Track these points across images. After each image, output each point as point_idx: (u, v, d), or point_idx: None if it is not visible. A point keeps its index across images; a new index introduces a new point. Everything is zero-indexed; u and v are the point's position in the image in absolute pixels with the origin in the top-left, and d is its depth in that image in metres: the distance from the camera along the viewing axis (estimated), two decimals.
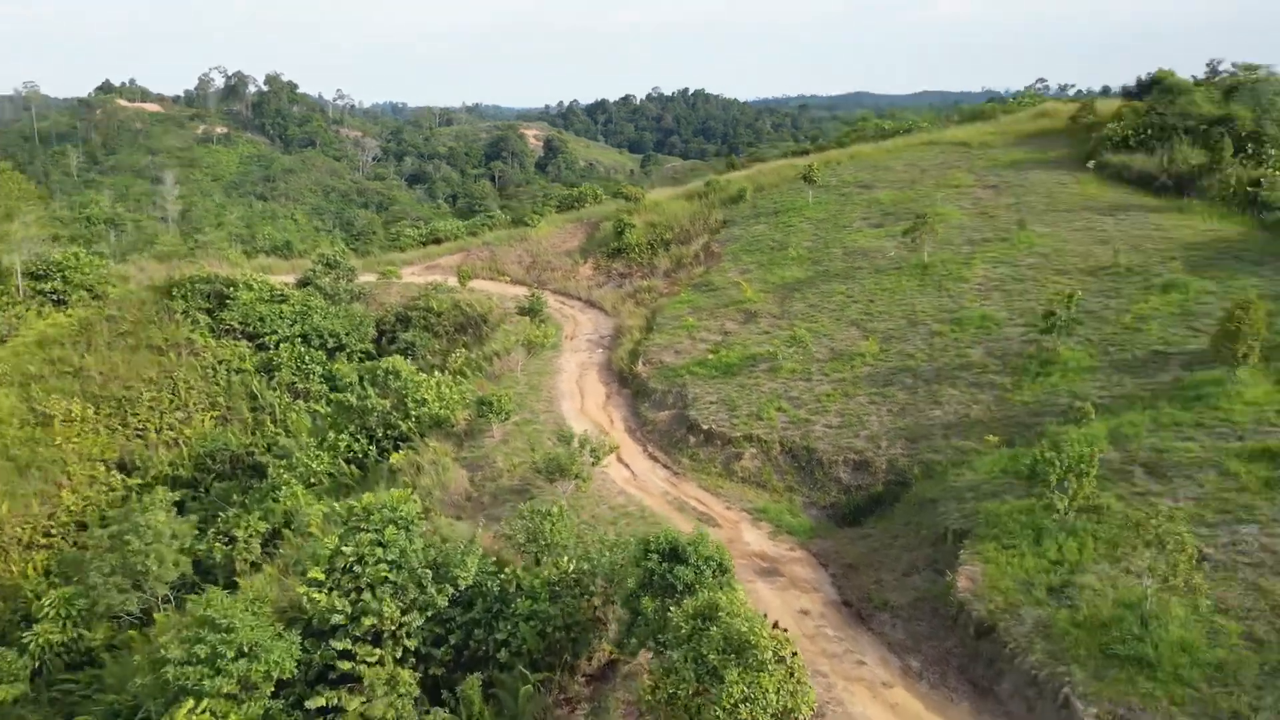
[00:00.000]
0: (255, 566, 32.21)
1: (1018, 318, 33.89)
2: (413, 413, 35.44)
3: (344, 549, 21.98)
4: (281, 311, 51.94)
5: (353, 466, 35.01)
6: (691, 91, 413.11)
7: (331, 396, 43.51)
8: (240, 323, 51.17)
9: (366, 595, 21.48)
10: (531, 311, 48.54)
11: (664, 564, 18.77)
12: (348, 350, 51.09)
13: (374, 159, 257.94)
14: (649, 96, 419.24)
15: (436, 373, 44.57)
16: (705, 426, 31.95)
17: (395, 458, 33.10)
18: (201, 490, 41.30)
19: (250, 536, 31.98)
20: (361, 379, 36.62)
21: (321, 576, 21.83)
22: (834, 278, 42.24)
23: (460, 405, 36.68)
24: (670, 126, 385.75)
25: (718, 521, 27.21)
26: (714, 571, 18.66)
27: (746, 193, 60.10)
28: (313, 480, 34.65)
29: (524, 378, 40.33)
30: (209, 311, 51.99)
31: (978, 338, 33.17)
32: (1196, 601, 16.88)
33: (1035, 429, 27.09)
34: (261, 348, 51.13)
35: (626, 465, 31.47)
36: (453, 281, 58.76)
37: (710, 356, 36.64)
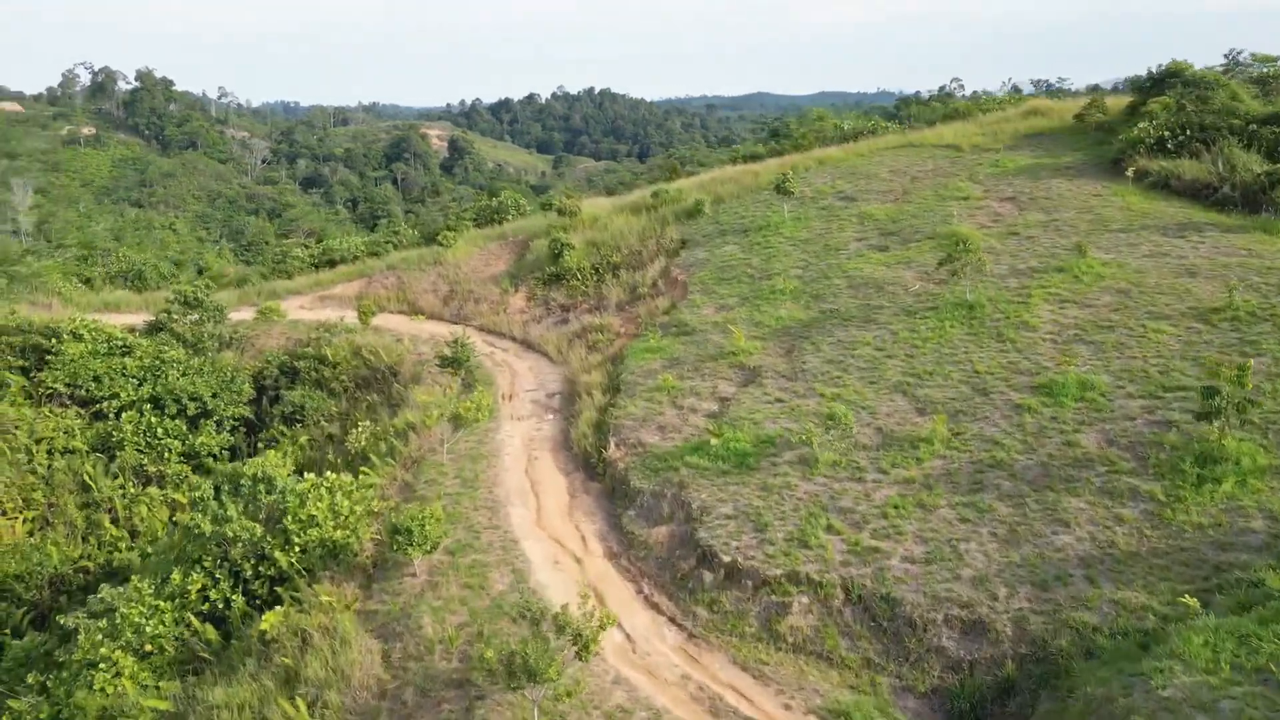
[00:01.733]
0: None
1: (1128, 384, 25.37)
2: (296, 540, 24.66)
3: None
4: (125, 368, 40.03)
5: (209, 626, 24.02)
6: (598, 91, 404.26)
7: (182, 514, 32.21)
8: (68, 385, 39.07)
9: None
10: (456, 363, 38.00)
11: None
12: (216, 417, 39.50)
13: (263, 161, 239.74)
14: (554, 95, 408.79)
15: (330, 470, 33.71)
16: (726, 557, 22.29)
17: (269, 620, 22.33)
18: None
19: None
20: (219, 490, 25.59)
21: None
22: (848, 321, 33.18)
23: (365, 520, 26.10)
24: (579, 126, 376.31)
25: None
26: None
27: (704, 206, 50.80)
28: (148, 648, 23.56)
29: (452, 465, 29.94)
30: (24, 371, 39.67)
31: (1085, 416, 24.46)
32: None
33: (1232, 573, 18.45)
34: (98, 417, 39.19)
35: (618, 623, 21.56)
36: (351, 318, 47.67)
37: (712, 439, 26.99)
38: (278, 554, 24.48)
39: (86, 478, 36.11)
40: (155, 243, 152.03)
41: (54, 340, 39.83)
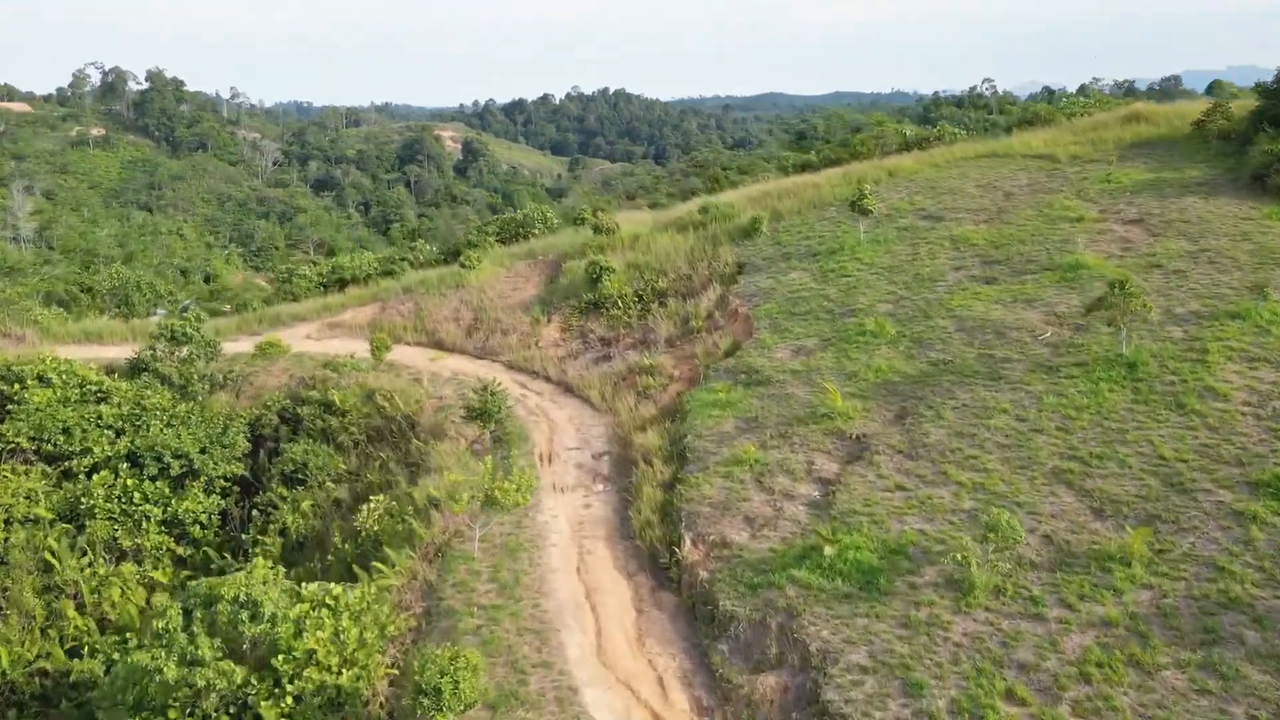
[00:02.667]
0: None
1: None
2: (288, 686, 18.81)
3: None
4: (100, 417, 34.35)
5: None
6: (613, 91, 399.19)
7: (132, 653, 26.44)
8: (32, 438, 33.41)
9: None
10: (485, 415, 32.14)
11: None
12: (204, 477, 33.73)
13: (275, 163, 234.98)
14: (569, 96, 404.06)
15: (335, 556, 27.96)
16: None
17: None
18: None
19: None
20: (189, 616, 19.80)
21: None
22: (970, 377, 27.08)
23: (379, 650, 20.26)
24: (594, 128, 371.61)
25: None
26: None
27: (762, 224, 44.77)
28: None
29: (486, 560, 24.09)
30: None
31: None
32: None
33: None
34: (67, 475, 33.51)
35: None
36: (363, 350, 41.88)
37: (825, 545, 20.93)
38: (264, 707, 18.61)
39: (48, 555, 30.41)
40: (162, 249, 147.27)
41: (17, 385, 34.19)
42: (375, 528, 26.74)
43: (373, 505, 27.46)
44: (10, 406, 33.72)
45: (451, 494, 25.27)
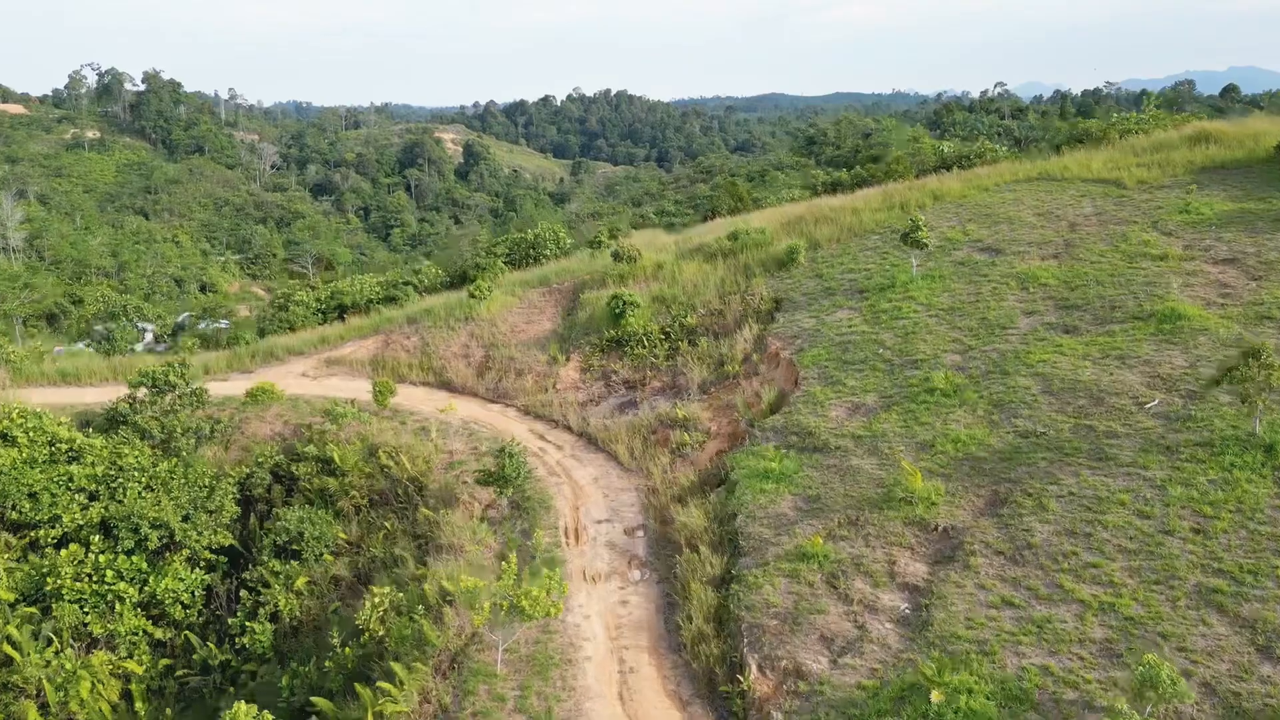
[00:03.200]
0: None
1: None
2: None
3: None
4: (71, 479, 30.64)
5: None
6: (614, 93, 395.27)
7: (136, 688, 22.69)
8: None
9: None
10: (502, 481, 28.48)
11: None
12: (187, 550, 30.01)
13: (273, 167, 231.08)
14: (570, 97, 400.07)
15: (334, 664, 24.24)
16: None
17: None
18: None
19: None
20: None
21: None
22: (1070, 455, 23.35)
23: None
24: (595, 129, 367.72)
25: None
26: None
27: (799, 253, 41.13)
28: None
29: (510, 679, 20.45)
30: None
31: None
32: None
33: None
34: (32, 548, 29.86)
35: None
36: (364, 391, 38.25)
37: (931, 691, 17.19)
38: None
39: (7, 646, 26.71)
40: (156, 257, 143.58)
41: None
42: (379, 629, 23.05)
43: (376, 600, 23.79)
44: None
45: (470, 601, 21.56)
